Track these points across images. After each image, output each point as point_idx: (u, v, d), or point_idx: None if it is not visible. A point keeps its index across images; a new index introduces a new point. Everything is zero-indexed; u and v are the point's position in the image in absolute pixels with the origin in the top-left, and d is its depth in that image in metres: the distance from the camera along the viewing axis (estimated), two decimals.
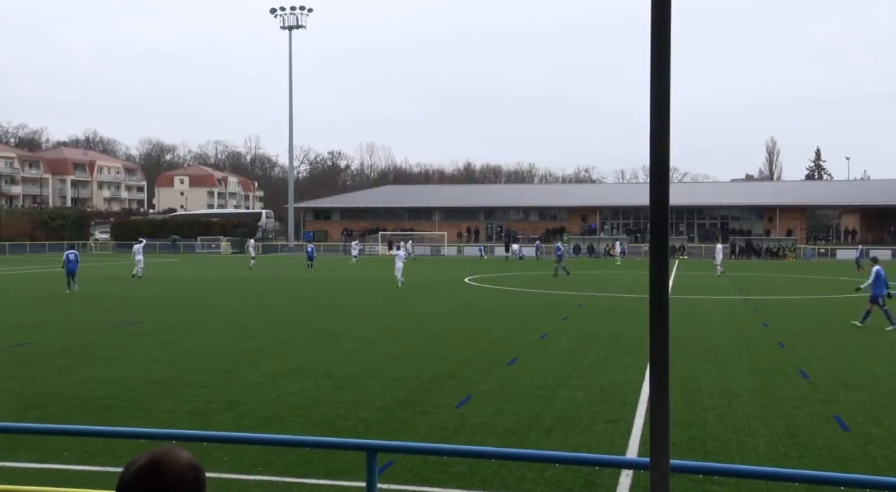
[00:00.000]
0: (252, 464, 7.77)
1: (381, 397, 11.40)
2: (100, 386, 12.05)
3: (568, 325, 20.38)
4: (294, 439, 5.22)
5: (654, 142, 2.26)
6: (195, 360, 14.50)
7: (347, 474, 7.55)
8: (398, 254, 36.48)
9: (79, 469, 7.64)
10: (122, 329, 18.86)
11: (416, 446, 4.96)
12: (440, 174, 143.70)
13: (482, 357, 15.07)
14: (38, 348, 15.78)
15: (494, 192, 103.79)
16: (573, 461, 4.89)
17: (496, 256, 72.22)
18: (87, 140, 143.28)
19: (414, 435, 9.22)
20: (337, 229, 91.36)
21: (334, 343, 16.79)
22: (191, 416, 10.09)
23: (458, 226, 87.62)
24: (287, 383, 12.40)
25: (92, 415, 10.06)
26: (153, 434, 4.75)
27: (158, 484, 1.85)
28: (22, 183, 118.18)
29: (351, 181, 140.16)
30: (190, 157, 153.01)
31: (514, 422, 10.01)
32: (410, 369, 13.72)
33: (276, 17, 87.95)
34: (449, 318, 21.91)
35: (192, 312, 23.01)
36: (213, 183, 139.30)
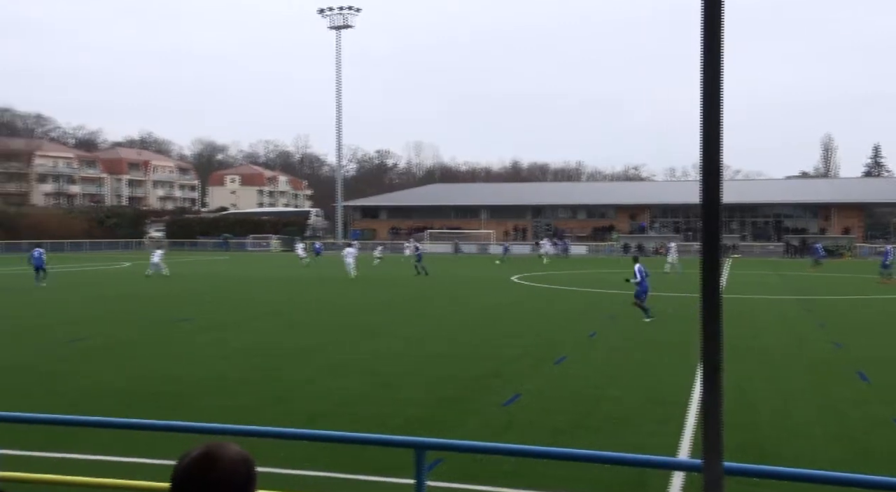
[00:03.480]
0: (301, 459, 7.85)
1: (428, 395, 11.43)
2: (154, 381, 12.33)
3: (617, 323, 20.17)
4: (343, 435, 5.26)
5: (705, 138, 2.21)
6: (245, 356, 14.73)
7: (396, 470, 7.58)
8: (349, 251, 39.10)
9: (135, 461, 7.82)
10: (175, 326, 19.26)
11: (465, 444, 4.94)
12: (487, 173, 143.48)
13: (529, 355, 15.01)
14: (96, 344, 16.21)
15: (542, 190, 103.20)
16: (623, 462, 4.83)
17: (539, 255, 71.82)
18: (142, 140, 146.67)
19: (462, 433, 9.22)
20: (384, 228, 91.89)
21: (379, 341, 16.89)
22: (241, 411, 10.25)
23: (504, 224, 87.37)
24: (334, 380, 12.52)
25: (147, 409, 10.29)
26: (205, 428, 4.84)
27: (211, 475, 1.88)
28: (80, 182, 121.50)
29: (398, 180, 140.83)
30: (241, 156, 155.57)
31: (562, 421, 9.94)
32: (457, 366, 13.72)
33: (325, 17, 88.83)
34: (495, 316, 21.86)
35: (241, 310, 23.38)
36: (263, 182, 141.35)
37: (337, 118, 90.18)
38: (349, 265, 37.97)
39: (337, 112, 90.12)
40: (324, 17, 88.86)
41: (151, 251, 41.85)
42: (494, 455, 7.44)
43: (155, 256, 39.70)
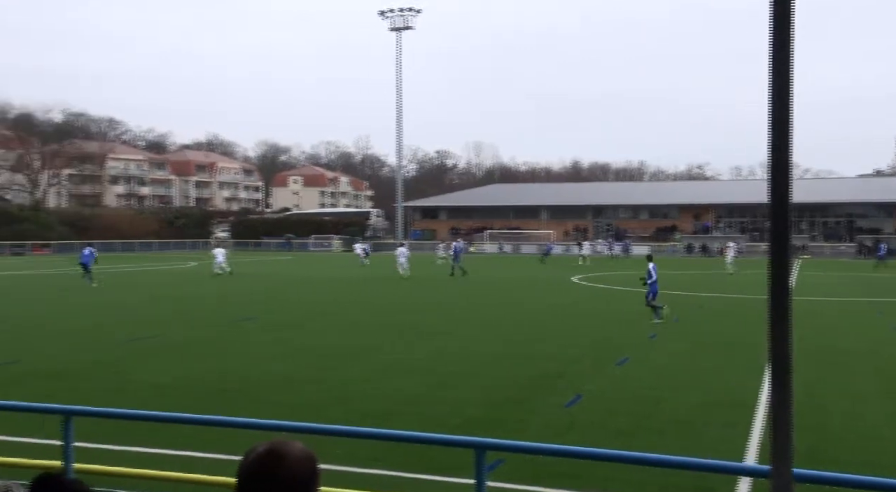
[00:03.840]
0: (363, 458, 7.93)
1: (489, 395, 11.42)
2: (219, 378, 12.62)
3: (680, 325, 19.81)
4: (404, 434, 5.30)
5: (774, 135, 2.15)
6: (307, 355, 14.96)
7: (456, 470, 7.59)
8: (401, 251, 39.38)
9: (200, 456, 8.02)
10: (239, 325, 19.67)
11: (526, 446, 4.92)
12: (547, 173, 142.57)
13: (590, 356, 14.86)
14: (164, 341, 16.67)
15: (603, 190, 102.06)
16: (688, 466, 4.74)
17: (605, 255, 70.97)
18: (209, 143, 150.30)
19: (523, 434, 9.18)
20: (444, 228, 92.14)
21: (438, 341, 16.94)
22: (304, 409, 10.41)
23: (565, 224, 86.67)
24: (394, 379, 12.61)
25: (212, 405, 10.54)
26: (270, 425, 4.93)
27: (277, 472, 1.92)
28: (150, 184, 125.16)
29: (458, 180, 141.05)
30: (303, 157, 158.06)
31: (624, 423, 9.82)
32: (517, 367, 13.68)
33: (385, 19, 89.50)
34: (555, 316, 21.71)
35: (303, 310, 23.74)
36: (324, 183, 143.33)
37: (397, 119, 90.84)
38: (401, 265, 38.32)
39: (397, 113, 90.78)
40: (385, 19, 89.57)
41: (214, 251, 42.92)
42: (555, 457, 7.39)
43: (219, 256, 40.73)
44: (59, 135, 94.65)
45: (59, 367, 13.52)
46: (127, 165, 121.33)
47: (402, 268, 38.30)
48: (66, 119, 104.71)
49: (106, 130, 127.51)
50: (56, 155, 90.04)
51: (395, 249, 42.07)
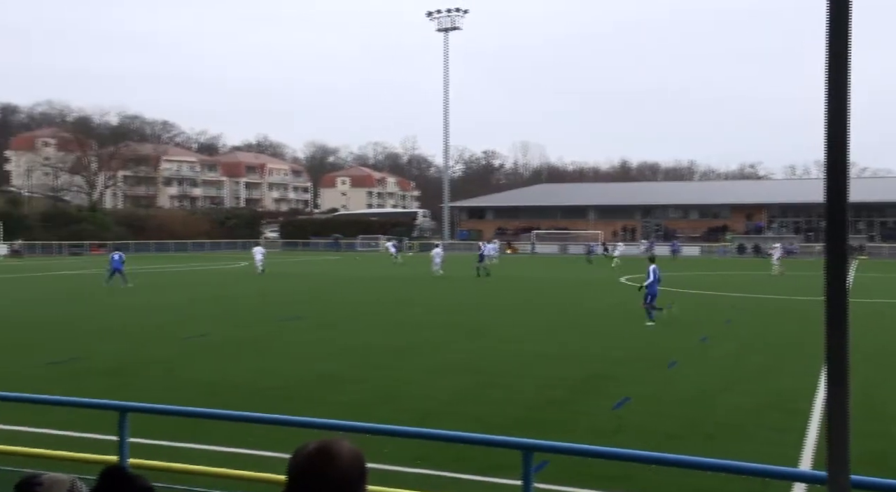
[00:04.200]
0: (410, 457, 7.96)
1: (534, 396, 11.36)
2: (267, 377, 12.79)
3: (731, 328, 19.45)
4: (451, 434, 5.30)
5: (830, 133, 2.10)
6: (353, 355, 15.07)
7: (502, 471, 7.57)
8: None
9: (251, 453, 8.15)
10: (286, 324, 19.92)
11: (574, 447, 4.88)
12: (595, 172, 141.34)
13: (639, 359, 14.68)
14: (214, 340, 16.98)
15: (651, 189, 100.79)
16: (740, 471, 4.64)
17: None
18: (259, 144, 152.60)
19: (570, 435, 9.11)
20: (491, 228, 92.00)
21: (484, 341, 16.92)
22: (351, 408, 10.49)
23: (613, 224, 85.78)
24: (439, 379, 12.63)
25: (261, 403, 10.68)
26: (317, 424, 4.98)
27: (326, 469, 1.94)
28: (202, 185, 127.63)
29: (504, 180, 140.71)
30: (351, 158, 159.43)
31: (674, 426, 9.68)
32: (564, 368, 13.59)
33: (432, 19, 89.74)
34: (602, 317, 21.51)
35: (350, 309, 23.93)
36: (372, 183, 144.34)
37: (444, 120, 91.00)
38: (436, 264, 38.53)
39: (444, 113, 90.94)
40: (432, 20, 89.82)
41: (253, 250, 43.92)
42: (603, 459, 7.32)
43: (258, 255, 41.40)
44: (115, 137, 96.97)
45: (114, 364, 13.86)
46: (180, 166, 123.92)
47: (435, 266, 38.58)
48: (122, 122, 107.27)
49: (160, 132, 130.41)
50: (112, 157, 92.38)
51: (431, 250, 42.35)
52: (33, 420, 9.18)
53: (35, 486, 2.42)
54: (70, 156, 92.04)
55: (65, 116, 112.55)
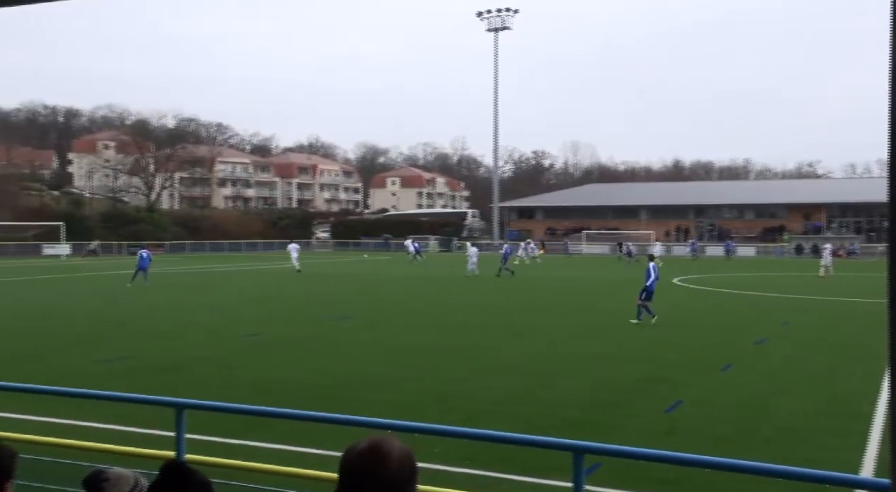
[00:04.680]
0: (460, 457, 7.97)
1: (585, 398, 11.27)
2: (320, 375, 12.94)
3: (789, 330, 19.01)
4: (501, 435, 5.29)
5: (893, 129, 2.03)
6: (403, 354, 15.15)
7: (552, 473, 7.53)
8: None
9: (303, 451, 8.25)
10: (337, 323, 20.12)
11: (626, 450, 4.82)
12: (647, 172, 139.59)
13: (693, 361, 14.45)
14: (266, 339, 17.24)
15: (705, 189, 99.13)
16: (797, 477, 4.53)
17: (708, 256, 68.91)
18: (310, 145, 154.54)
19: (621, 438, 9.01)
20: (540, 228, 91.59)
21: (533, 341, 16.83)
22: (401, 407, 10.55)
23: (665, 225, 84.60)
24: (489, 379, 12.61)
25: (314, 401, 10.81)
26: (369, 423, 5.01)
27: (377, 468, 1.95)
28: (255, 186, 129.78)
29: (554, 180, 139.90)
30: (401, 159, 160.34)
31: (729, 430, 9.50)
32: (615, 369, 13.45)
33: (482, 20, 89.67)
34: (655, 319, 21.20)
35: (400, 309, 24.06)
36: (421, 184, 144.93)
37: (494, 120, 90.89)
38: (472, 264, 38.56)
39: (494, 113, 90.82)
40: (482, 20, 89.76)
41: (289, 247, 44.68)
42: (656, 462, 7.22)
43: (293, 252, 42.67)
44: (171, 139, 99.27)
45: (171, 361, 14.18)
46: (234, 167, 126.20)
47: (471, 265, 38.76)
48: (179, 124, 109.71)
49: (214, 134, 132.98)
50: (169, 159, 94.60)
51: (467, 250, 42.47)
52: (93, 415, 9.45)
53: (102, 481, 2.51)
54: (129, 158, 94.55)
55: (124, 120, 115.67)
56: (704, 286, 33.91)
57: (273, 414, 6.83)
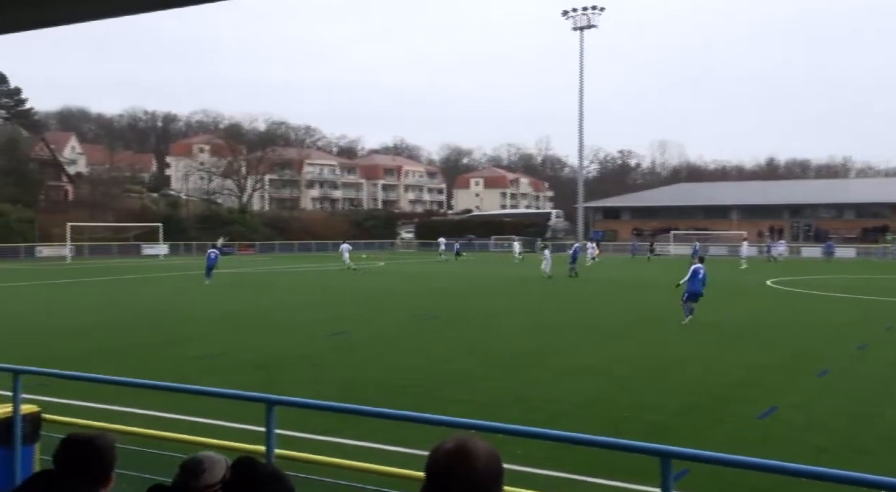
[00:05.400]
0: (543, 459, 7.92)
1: (672, 401, 11.01)
2: (405, 374, 13.07)
3: (894, 334, 18.09)
4: (586, 437, 5.21)
5: None
6: (487, 354, 15.14)
7: (638, 477, 7.39)
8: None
9: (389, 449, 8.35)
10: (423, 322, 20.28)
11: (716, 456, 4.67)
12: (738, 171, 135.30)
13: (787, 366, 13.92)
14: (354, 337, 17.53)
15: (801, 188, 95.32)
16: None
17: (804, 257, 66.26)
18: (395, 147, 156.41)
19: (710, 443, 8.76)
20: (626, 228, 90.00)
21: (620, 343, 16.55)
22: (484, 407, 10.55)
23: (758, 225, 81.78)
24: (573, 381, 12.47)
25: (399, 400, 10.93)
26: (455, 423, 5.02)
27: (466, 467, 1.95)
28: (342, 187, 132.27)
29: (641, 180, 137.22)
30: (485, 159, 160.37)
31: (826, 439, 9.11)
32: (704, 373, 13.09)
33: (568, 18, 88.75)
34: (747, 322, 20.54)
35: (485, 308, 24.05)
36: (505, 184, 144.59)
37: (579, 119, 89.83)
38: (547, 264, 38.27)
39: (579, 113, 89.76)
40: (567, 19, 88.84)
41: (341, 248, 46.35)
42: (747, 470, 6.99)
43: (345, 253, 44.51)
44: (262, 142, 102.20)
45: (263, 358, 14.60)
46: (321, 169, 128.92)
47: (547, 266, 38.52)
48: (269, 127, 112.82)
49: (303, 136, 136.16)
50: (260, 161, 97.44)
51: (543, 252, 42.22)
52: (189, 410, 9.81)
53: (200, 469, 2.65)
54: (222, 161, 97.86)
55: (218, 123, 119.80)
56: (800, 289, 32.62)
57: (359, 412, 6.91)
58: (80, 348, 15.67)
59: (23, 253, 59.26)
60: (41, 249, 61.83)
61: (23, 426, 6.31)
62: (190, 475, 2.62)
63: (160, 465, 6.52)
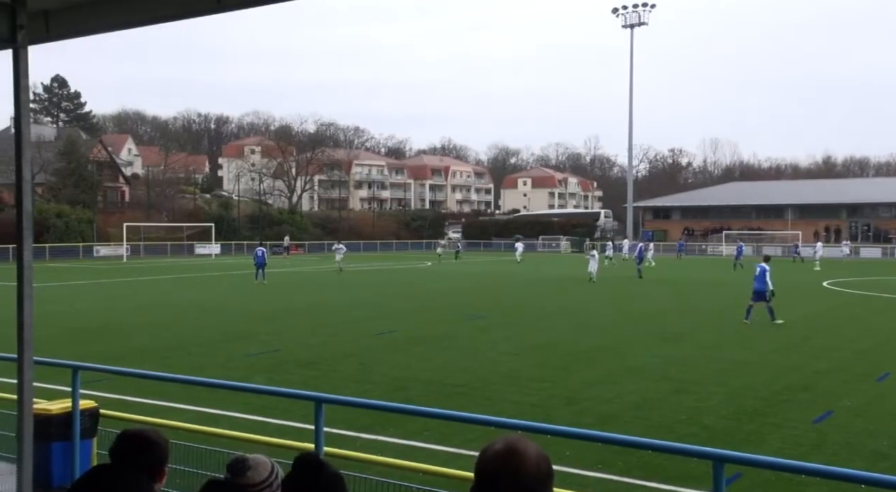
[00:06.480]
0: (592, 461, 7.85)
1: (726, 405, 10.81)
2: (453, 373, 13.08)
3: None
4: (636, 440, 5.15)
5: None
6: (536, 354, 15.06)
7: (689, 481, 7.28)
8: None
9: (436, 448, 8.37)
10: (470, 322, 20.27)
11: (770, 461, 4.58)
12: (793, 169, 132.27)
13: (844, 370, 13.55)
14: (402, 336, 17.61)
15: (860, 186, 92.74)
16: None
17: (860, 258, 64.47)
18: (443, 147, 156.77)
19: (764, 448, 8.58)
20: (677, 229, 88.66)
21: (675, 345, 16.30)
22: (533, 408, 10.50)
23: (814, 224, 79.71)
24: (625, 382, 12.33)
25: (446, 399, 10.95)
26: (502, 423, 5.01)
27: (516, 469, 1.93)
28: (390, 188, 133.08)
29: (692, 179, 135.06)
30: (532, 159, 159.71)
31: (886, 445, 8.84)
32: (759, 377, 12.81)
33: (618, 16, 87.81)
34: (803, 325, 20.06)
35: (533, 309, 23.93)
36: (553, 184, 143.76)
37: (629, 118, 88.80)
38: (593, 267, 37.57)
39: (629, 111, 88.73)
40: (617, 17, 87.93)
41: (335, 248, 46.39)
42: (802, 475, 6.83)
43: (338, 254, 44.63)
44: (312, 144, 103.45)
45: (312, 357, 14.76)
46: (369, 170, 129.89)
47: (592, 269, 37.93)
48: (318, 129, 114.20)
49: (352, 137, 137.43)
50: (309, 162, 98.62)
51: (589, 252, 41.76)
52: (239, 406, 9.97)
53: (246, 468, 2.71)
54: (273, 162, 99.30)
55: (268, 125, 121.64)
56: (859, 290, 31.74)
57: (406, 411, 6.96)
58: (136, 345, 16.05)
59: (81, 253, 60.93)
60: (99, 249, 63.51)
61: (81, 421, 6.49)
62: (235, 474, 2.69)
63: (210, 461, 6.64)
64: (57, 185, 70.35)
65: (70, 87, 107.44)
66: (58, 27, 3.67)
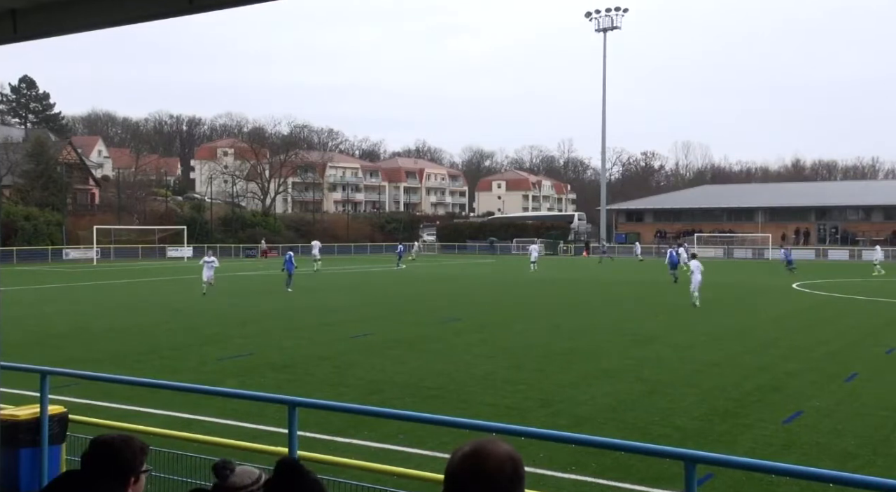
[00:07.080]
0: (566, 463, 7.88)
1: (699, 406, 10.91)
2: (428, 376, 13.07)
3: None
4: (609, 441, 5.18)
5: None
6: (511, 357, 15.09)
7: (662, 482, 7.33)
8: None
9: (411, 451, 8.35)
10: (445, 325, 20.27)
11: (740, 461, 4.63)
12: (763, 172, 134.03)
13: (813, 370, 13.75)
14: (378, 339, 17.55)
15: (827, 189, 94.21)
16: None
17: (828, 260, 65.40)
18: (417, 150, 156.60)
19: (735, 448, 8.68)
20: (650, 231, 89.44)
21: (648, 348, 16.42)
22: (508, 410, 10.52)
23: (784, 227, 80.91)
24: (600, 385, 12.40)
25: (421, 402, 10.93)
26: (476, 425, 5.01)
27: (480, 470, 1.95)
28: (364, 190, 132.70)
29: (665, 182, 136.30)
30: (507, 162, 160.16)
31: (854, 444, 8.98)
32: (730, 378, 12.96)
33: (591, 20, 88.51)
34: (774, 326, 20.32)
35: (507, 311, 23.99)
36: (527, 187, 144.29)
37: (602, 121, 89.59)
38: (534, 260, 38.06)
39: (602, 115, 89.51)
40: (591, 21, 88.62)
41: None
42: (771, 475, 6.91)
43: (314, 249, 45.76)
44: (285, 146, 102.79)
45: (286, 360, 14.66)
46: (344, 172, 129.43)
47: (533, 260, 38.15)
48: (292, 131, 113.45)
49: (326, 140, 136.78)
50: (283, 164, 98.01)
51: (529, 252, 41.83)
52: (211, 411, 9.88)
53: (228, 471, 2.74)
54: (246, 164, 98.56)
55: (241, 127, 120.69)
56: (828, 292, 32.23)
57: (381, 414, 6.94)
58: (106, 349, 15.83)
59: (51, 256, 60.03)
60: (68, 252, 62.60)
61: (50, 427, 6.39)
62: (218, 477, 2.71)
63: (181, 465, 6.58)
64: (25, 187, 69.26)
65: (39, 88, 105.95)
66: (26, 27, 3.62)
